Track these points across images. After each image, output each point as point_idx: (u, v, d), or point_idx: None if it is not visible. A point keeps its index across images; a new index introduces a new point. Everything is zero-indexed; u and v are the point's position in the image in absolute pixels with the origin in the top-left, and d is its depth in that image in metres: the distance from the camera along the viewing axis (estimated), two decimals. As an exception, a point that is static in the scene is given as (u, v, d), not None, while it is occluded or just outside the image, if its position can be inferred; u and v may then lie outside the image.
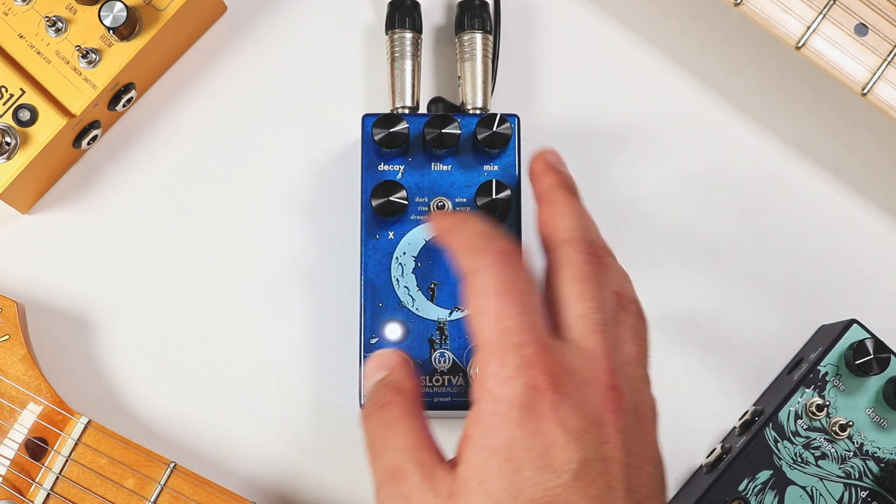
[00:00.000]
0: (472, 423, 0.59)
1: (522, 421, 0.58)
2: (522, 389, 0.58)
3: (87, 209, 0.81)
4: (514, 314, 0.59)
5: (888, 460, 0.74)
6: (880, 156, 0.82)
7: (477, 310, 0.60)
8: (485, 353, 0.59)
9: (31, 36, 0.76)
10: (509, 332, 0.59)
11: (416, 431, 0.62)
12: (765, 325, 0.80)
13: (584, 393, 0.59)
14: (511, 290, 0.59)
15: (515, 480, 0.57)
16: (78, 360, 0.79)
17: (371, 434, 0.63)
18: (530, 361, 0.58)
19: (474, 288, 0.60)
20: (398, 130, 0.74)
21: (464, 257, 0.61)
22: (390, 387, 0.64)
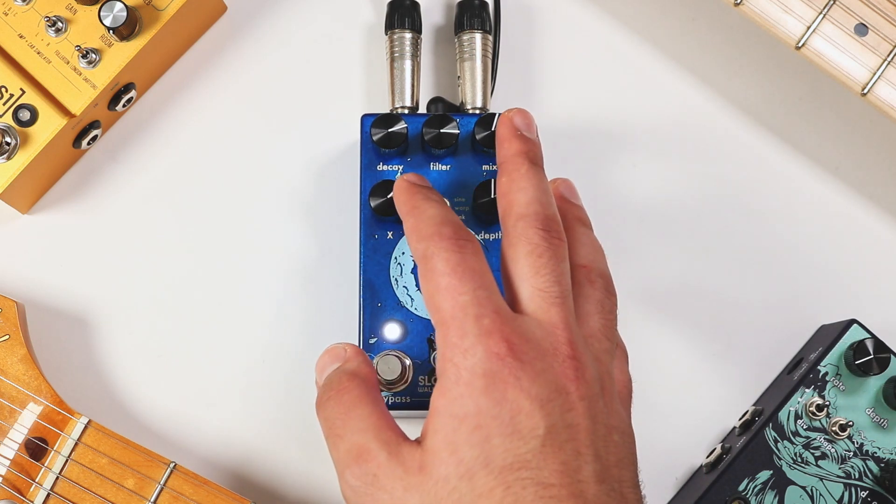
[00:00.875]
0: (437, 397, 0.60)
1: (486, 388, 0.58)
2: (484, 356, 0.59)
3: (87, 209, 0.81)
4: (468, 289, 0.60)
5: (888, 460, 0.74)
6: (880, 156, 0.82)
7: (434, 290, 0.61)
8: (444, 327, 0.60)
9: (31, 36, 0.76)
10: (466, 306, 0.60)
11: (377, 413, 0.62)
12: (765, 325, 0.80)
13: (544, 361, 0.60)
14: (464, 268, 0.61)
15: (486, 448, 0.58)
16: (78, 360, 0.79)
17: (329, 419, 0.63)
18: (489, 330, 0.59)
19: (429, 270, 0.62)
20: (396, 130, 0.74)
21: (417, 242, 0.63)
22: (346, 373, 0.64)
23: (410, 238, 0.64)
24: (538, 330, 0.61)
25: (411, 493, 0.59)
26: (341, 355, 0.65)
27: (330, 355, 0.66)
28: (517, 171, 0.66)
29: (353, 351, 0.65)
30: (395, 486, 0.59)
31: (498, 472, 0.57)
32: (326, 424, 0.63)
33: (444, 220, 0.63)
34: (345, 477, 0.61)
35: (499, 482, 0.57)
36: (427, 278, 0.62)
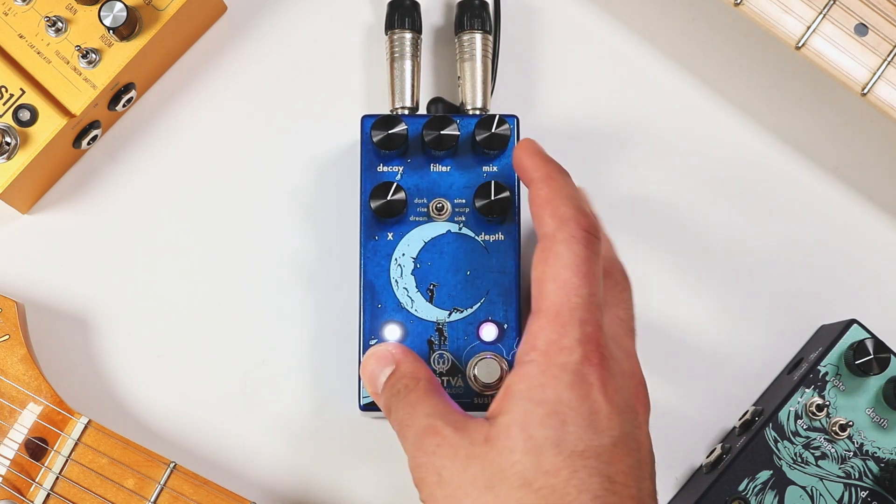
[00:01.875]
0: (517, 381, 0.61)
1: (572, 385, 0.60)
2: (578, 359, 0.61)
3: (87, 209, 0.81)
4: (584, 294, 0.62)
5: (888, 460, 0.74)
6: (880, 156, 0.82)
7: (551, 277, 0.62)
8: (547, 319, 0.62)
9: (31, 36, 0.76)
10: (576, 308, 0.61)
11: (443, 402, 0.64)
12: (765, 324, 0.80)
13: (625, 380, 0.62)
14: (587, 270, 0.62)
15: (559, 432, 0.59)
16: (78, 360, 0.79)
17: (399, 417, 0.64)
18: (589, 339, 0.61)
19: (553, 254, 0.63)
20: (396, 132, 0.74)
21: (550, 218, 0.64)
22: (407, 376, 0.66)
23: (542, 210, 0.64)
24: (619, 352, 0.64)
25: (473, 460, 0.60)
26: (390, 359, 0.67)
27: (376, 360, 0.67)
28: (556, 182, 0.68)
29: (401, 351, 0.67)
30: (458, 454, 0.61)
31: (568, 454, 0.59)
32: (397, 425, 0.64)
33: (582, 207, 0.64)
34: (413, 455, 0.62)
35: (566, 464, 0.59)
36: (547, 261, 0.63)
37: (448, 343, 0.74)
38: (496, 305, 0.74)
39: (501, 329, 0.74)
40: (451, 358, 0.73)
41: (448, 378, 0.73)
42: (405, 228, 0.74)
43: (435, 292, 0.74)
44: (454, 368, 0.73)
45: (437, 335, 0.74)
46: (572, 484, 0.58)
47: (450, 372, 0.73)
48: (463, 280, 0.74)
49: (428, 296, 0.74)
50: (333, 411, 0.79)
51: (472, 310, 0.74)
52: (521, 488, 0.59)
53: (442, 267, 0.74)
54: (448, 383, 0.73)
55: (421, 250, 0.74)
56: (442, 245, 0.74)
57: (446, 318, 0.74)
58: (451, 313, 0.74)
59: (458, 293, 0.74)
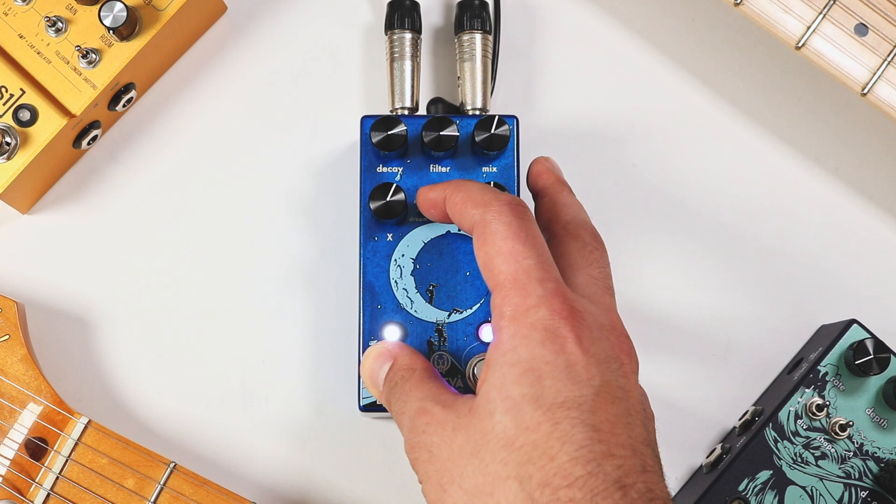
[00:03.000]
0: (492, 351, 0.61)
1: (544, 340, 0.60)
2: (547, 314, 0.61)
3: (87, 209, 0.81)
4: (532, 254, 0.62)
5: (888, 460, 0.74)
6: (880, 156, 0.82)
7: (495, 253, 0.63)
8: (504, 289, 0.62)
9: (31, 36, 0.76)
10: (530, 269, 0.62)
11: (437, 386, 0.64)
12: (765, 325, 0.80)
13: (602, 332, 0.62)
14: (527, 234, 0.63)
15: (536, 387, 0.59)
16: (78, 360, 0.79)
17: (397, 407, 0.65)
18: (553, 293, 0.61)
19: (489, 233, 0.63)
20: (396, 133, 0.73)
21: (473, 209, 0.65)
22: (403, 367, 0.66)
23: (463, 207, 0.66)
24: (594, 308, 0.63)
25: (458, 431, 0.60)
26: (387, 355, 0.67)
27: (374, 358, 0.68)
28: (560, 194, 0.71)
29: (397, 347, 0.68)
30: (445, 428, 0.61)
31: (547, 408, 0.58)
32: (396, 415, 0.65)
33: (495, 190, 0.66)
34: (407, 440, 0.63)
35: (546, 417, 0.58)
36: (487, 241, 0.63)
37: (448, 344, 0.74)
38: (496, 306, 0.74)
39: (501, 330, 0.74)
40: (451, 358, 0.73)
41: (448, 378, 0.73)
42: (405, 229, 0.74)
43: (434, 293, 0.74)
44: (454, 369, 0.73)
45: (436, 336, 0.74)
46: (554, 437, 0.58)
47: (449, 372, 0.73)
48: (462, 281, 0.74)
49: (427, 296, 0.74)
50: (333, 411, 0.79)
51: (471, 310, 0.74)
52: (503, 448, 0.58)
53: (441, 268, 0.74)
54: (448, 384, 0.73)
55: (420, 251, 0.74)
56: (441, 246, 0.74)
57: (446, 319, 0.74)
58: (451, 314, 0.74)
59: (458, 294, 0.74)
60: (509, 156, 0.75)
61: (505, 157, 0.75)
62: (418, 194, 0.71)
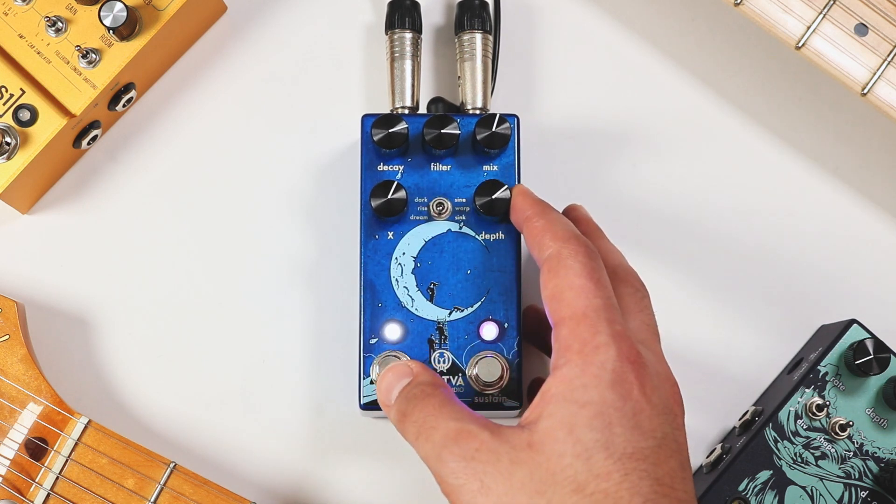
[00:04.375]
0: (556, 383, 0.62)
1: (613, 384, 0.61)
2: (616, 356, 0.61)
3: (87, 209, 0.81)
4: (603, 295, 0.63)
5: (888, 460, 0.74)
6: (880, 156, 0.82)
7: (566, 287, 0.64)
8: (574, 322, 0.63)
9: (31, 36, 0.76)
10: (599, 309, 0.63)
11: (467, 409, 0.64)
12: (765, 325, 0.80)
13: (659, 380, 0.63)
14: (599, 276, 0.64)
15: (607, 434, 0.59)
16: (78, 360, 0.79)
17: (419, 420, 0.64)
18: (621, 336, 0.62)
19: (563, 267, 0.65)
20: (397, 131, 0.74)
21: (551, 241, 0.66)
22: (425, 384, 0.66)
23: (542, 236, 0.67)
24: (650, 354, 0.64)
25: (519, 466, 0.60)
26: (408, 372, 0.67)
27: (394, 373, 0.67)
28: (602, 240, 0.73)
29: (419, 366, 0.67)
30: (501, 459, 0.60)
31: (618, 457, 0.59)
32: (416, 426, 0.64)
33: (576, 230, 0.67)
34: (442, 459, 0.61)
35: (618, 467, 0.59)
36: (559, 274, 0.64)
37: (448, 342, 0.74)
38: (496, 304, 0.74)
39: (502, 328, 0.74)
40: (452, 357, 0.73)
41: (448, 377, 0.73)
42: (405, 227, 0.74)
43: (435, 291, 0.74)
44: (454, 367, 0.73)
45: (437, 334, 0.74)
46: (624, 487, 0.58)
47: (450, 371, 0.73)
48: (463, 279, 0.74)
49: (428, 295, 0.74)
50: (333, 411, 0.79)
51: (472, 309, 0.74)
52: (574, 493, 0.59)
53: (442, 266, 0.74)
54: (448, 382, 0.73)
55: (421, 249, 0.74)
56: (442, 244, 0.74)
57: (447, 317, 0.74)
58: (452, 312, 0.74)
59: (459, 292, 0.74)
60: (510, 154, 0.75)
61: (506, 156, 0.75)
62: (516, 189, 0.73)
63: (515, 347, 0.74)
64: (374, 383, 0.73)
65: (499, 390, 0.73)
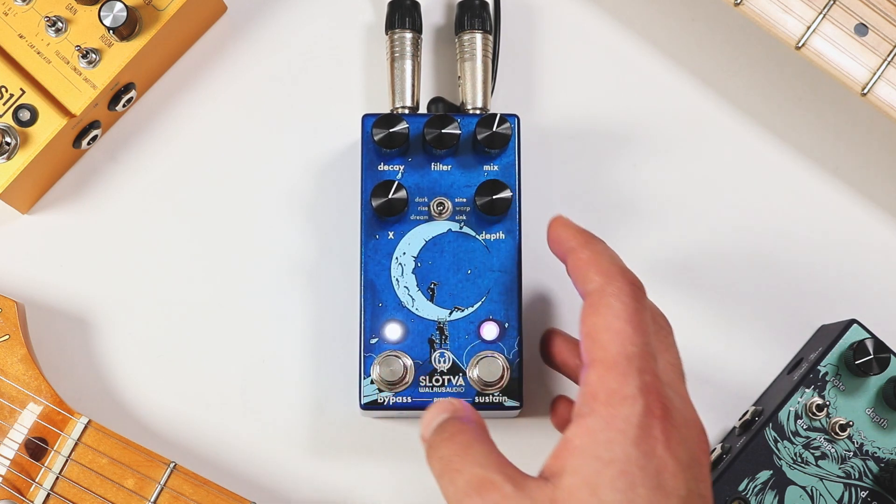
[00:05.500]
0: (580, 435, 0.60)
1: (638, 440, 0.59)
2: (642, 410, 0.60)
3: (87, 209, 0.81)
4: (640, 342, 0.61)
5: (888, 460, 0.74)
6: (880, 156, 0.82)
7: (604, 328, 0.62)
8: (604, 368, 0.61)
9: (31, 36, 0.76)
10: (633, 357, 0.61)
11: (495, 452, 0.62)
12: (765, 324, 0.80)
13: (688, 430, 0.61)
14: (640, 320, 0.62)
15: (630, 495, 0.58)
16: (78, 360, 0.79)
17: (444, 458, 0.62)
18: (650, 388, 0.60)
19: (604, 306, 0.62)
20: (398, 130, 0.74)
21: (596, 275, 0.64)
22: (459, 419, 0.64)
23: (587, 269, 0.65)
24: (678, 400, 0.63)
25: None
26: (449, 408, 0.65)
27: (437, 408, 0.65)
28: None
29: (460, 403, 0.65)
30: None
31: None
32: (441, 463, 0.62)
33: (624, 265, 0.65)
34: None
35: None
36: (599, 313, 0.63)
37: (449, 342, 0.74)
38: (497, 304, 0.74)
39: (502, 328, 0.74)
40: (452, 357, 0.73)
41: (449, 377, 0.73)
42: (406, 227, 0.74)
43: (436, 291, 0.74)
44: (455, 367, 0.73)
45: (437, 334, 0.74)
46: None
47: (451, 371, 0.73)
48: (464, 279, 0.74)
49: (429, 294, 0.74)
50: (333, 411, 0.79)
51: (472, 309, 0.74)
52: None
53: (443, 266, 0.74)
54: (449, 382, 0.73)
55: (422, 249, 0.74)
56: (443, 244, 0.74)
57: (447, 317, 0.74)
58: (452, 312, 0.74)
59: (459, 292, 0.74)
60: (511, 154, 0.75)
61: (506, 156, 0.75)
62: (553, 222, 0.70)
63: (516, 347, 0.74)
64: (374, 383, 0.73)
65: (499, 390, 0.73)
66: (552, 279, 0.79)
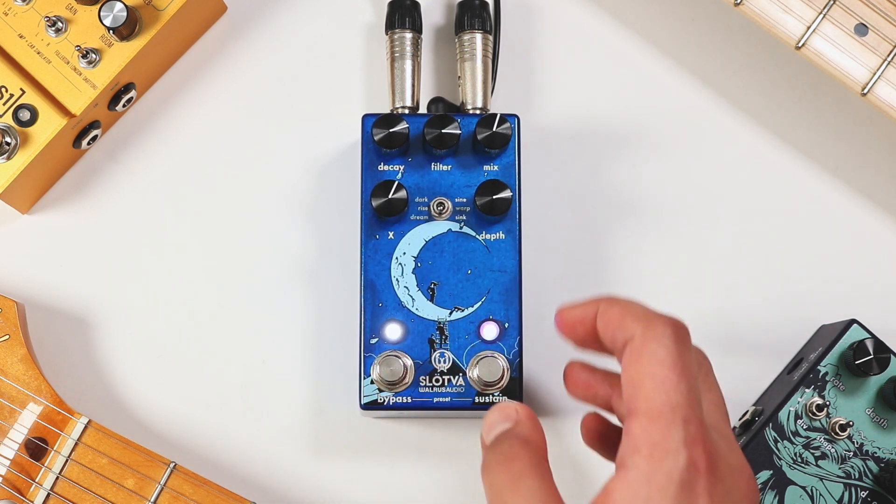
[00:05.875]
0: (621, 488, 0.58)
1: (678, 497, 0.57)
2: (684, 465, 0.58)
3: (87, 209, 0.81)
4: (684, 389, 0.59)
5: (888, 460, 0.74)
6: (880, 156, 0.82)
7: (648, 375, 0.59)
8: (649, 419, 0.59)
9: (31, 36, 0.76)
10: (677, 406, 0.58)
11: (545, 487, 0.60)
12: (765, 325, 0.80)
13: (733, 480, 0.60)
14: (684, 364, 0.60)
15: None
16: (78, 360, 0.79)
17: (496, 485, 0.61)
18: (695, 439, 0.58)
19: (647, 353, 0.60)
20: (398, 130, 0.74)
21: (634, 322, 0.61)
22: (518, 438, 0.62)
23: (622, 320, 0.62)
24: (724, 446, 0.61)
25: None
26: (513, 416, 0.63)
27: (500, 413, 0.64)
28: None
29: (525, 413, 0.64)
30: None
31: None
32: (492, 491, 0.61)
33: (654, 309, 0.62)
34: None
35: None
36: (641, 361, 0.60)
37: (449, 342, 0.74)
38: (497, 304, 0.74)
39: (502, 328, 0.74)
40: (452, 357, 0.73)
41: (449, 377, 0.73)
42: (406, 227, 0.74)
43: (436, 291, 0.74)
44: (455, 367, 0.73)
45: (437, 334, 0.74)
46: None
47: (451, 371, 0.73)
48: (464, 279, 0.74)
49: (429, 294, 0.74)
50: (333, 411, 0.79)
51: (472, 308, 0.74)
52: None
53: (443, 266, 0.74)
54: (449, 382, 0.73)
55: (422, 249, 0.74)
56: (443, 244, 0.74)
57: (447, 317, 0.74)
58: (452, 312, 0.74)
59: (459, 292, 0.74)
60: (511, 154, 0.75)
61: (506, 156, 0.75)
62: (559, 313, 0.66)
63: (516, 347, 0.74)
64: (374, 383, 0.73)
65: (499, 390, 0.73)
66: (552, 279, 0.79)
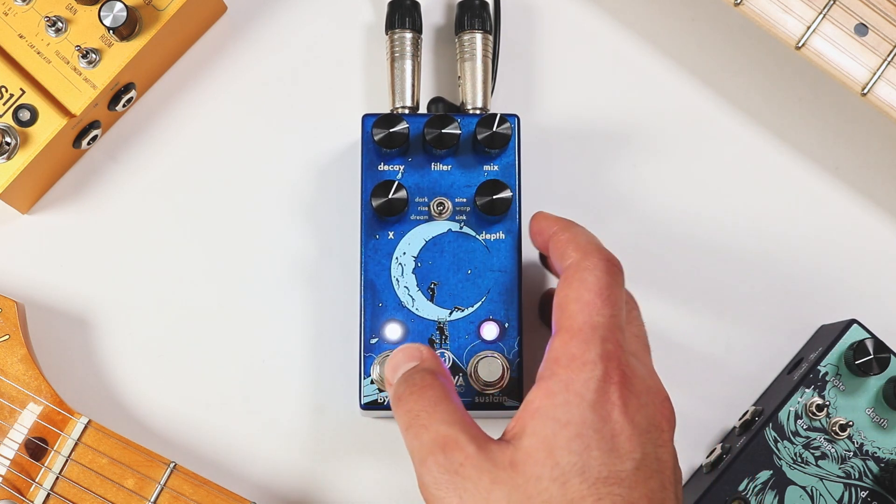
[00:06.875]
0: (540, 397, 0.62)
1: (595, 404, 0.61)
2: (601, 376, 0.61)
3: (87, 209, 0.81)
4: (606, 314, 0.63)
5: (888, 460, 0.74)
6: (880, 156, 0.82)
7: (574, 299, 0.64)
8: (569, 335, 0.63)
9: (31, 36, 0.76)
10: (598, 327, 0.63)
11: (461, 410, 0.63)
12: (765, 325, 0.80)
13: (648, 397, 0.63)
14: (610, 294, 0.64)
15: (584, 457, 0.60)
16: (78, 360, 0.79)
17: (412, 411, 0.64)
18: (610, 355, 0.62)
19: (577, 279, 0.65)
20: (398, 130, 0.74)
21: (574, 251, 0.66)
22: (428, 371, 0.65)
23: (565, 247, 0.67)
24: (641, 368, 0.64)
25: (499, 486, 0.60)
26: (417, 355, 0.67)
27: (404, 354, 0.67)
28: None
29: (429, 353, 0.67)
30: (482, 477, 0.60)
31: (592, 482, 0.59)
32: (409, 416, 0.64)
33: (599, 244, 0.67)
34: (427, 464, 0.62)
35: (591, 492, 0.59)
36: (571, 286, 0.65)
37: (449, 342, 0.74)
38: (497, 304, 0.74)
39: (502, 328, 0.74)
40: (452, 357, 0.74)
41: (449, 376, 0.73)
42: (406, 227, 0.74)
43: (436, 291, 0.74)
44: (455, 367, 0.73)
45: (437, 334, 0.74)
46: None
47: (451, 371, 0.73)
48: (464, 279, 0.74)
49: (429, 294, 0.74)
50: (333, 411, 0.79)
51: (472, 308, 0.74)
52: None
53: (443, 266, 0.74)
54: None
55: (422, 249, 0.74)
56: (443, 244, 0.74)
57: (447, 317, 0.74)
58: (452, 312, 0.74)
59: (459, 292, 0.74)
60: (511, 154, 0.75)
61: (506, 156, 0.75)
62: (534, 217, 0.72)
63: (516, 347, 0.74)
64: (374, 383, 0.73)
65: (499, 390, 0.73)
66: (552, 279, 0.79)
